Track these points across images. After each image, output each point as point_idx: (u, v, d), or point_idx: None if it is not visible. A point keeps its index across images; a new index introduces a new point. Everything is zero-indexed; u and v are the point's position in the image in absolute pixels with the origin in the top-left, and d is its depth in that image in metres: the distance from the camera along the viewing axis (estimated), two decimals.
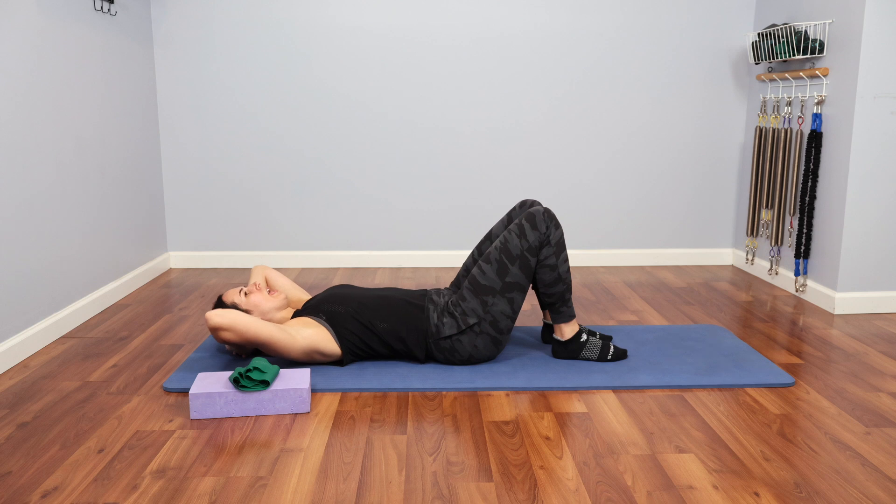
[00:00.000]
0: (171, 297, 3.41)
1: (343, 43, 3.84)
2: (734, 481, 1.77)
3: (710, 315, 3.15)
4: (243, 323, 2.28)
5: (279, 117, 3.91)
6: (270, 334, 2.29)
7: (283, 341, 2.31)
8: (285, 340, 2.32)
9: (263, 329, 2.29)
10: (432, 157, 3.98)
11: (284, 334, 2.32)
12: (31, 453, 1.90)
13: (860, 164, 3.08)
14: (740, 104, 3.99)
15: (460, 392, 2.30)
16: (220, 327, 2.27)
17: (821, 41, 3.21)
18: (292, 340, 2.33)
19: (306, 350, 2.37)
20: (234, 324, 2.27)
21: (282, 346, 2.32)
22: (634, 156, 4.03)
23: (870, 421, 2.11)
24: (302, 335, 2.36)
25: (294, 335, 2.35)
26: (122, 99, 3.43)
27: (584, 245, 4.11)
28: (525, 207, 2.69)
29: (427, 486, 1.75)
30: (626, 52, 3.91)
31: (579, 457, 1.89)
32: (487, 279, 2.43)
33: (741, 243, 4.06)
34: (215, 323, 2.26)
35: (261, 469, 1.82)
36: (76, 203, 2.99)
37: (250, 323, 2.28)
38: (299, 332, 2.37)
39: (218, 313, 2.27)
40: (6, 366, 2.47)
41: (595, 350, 2.53)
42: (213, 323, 2.26)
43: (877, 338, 2.85)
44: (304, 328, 2.39)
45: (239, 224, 4.01)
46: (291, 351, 2.35)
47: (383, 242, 4.06)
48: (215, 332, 2.29)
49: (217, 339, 2.33)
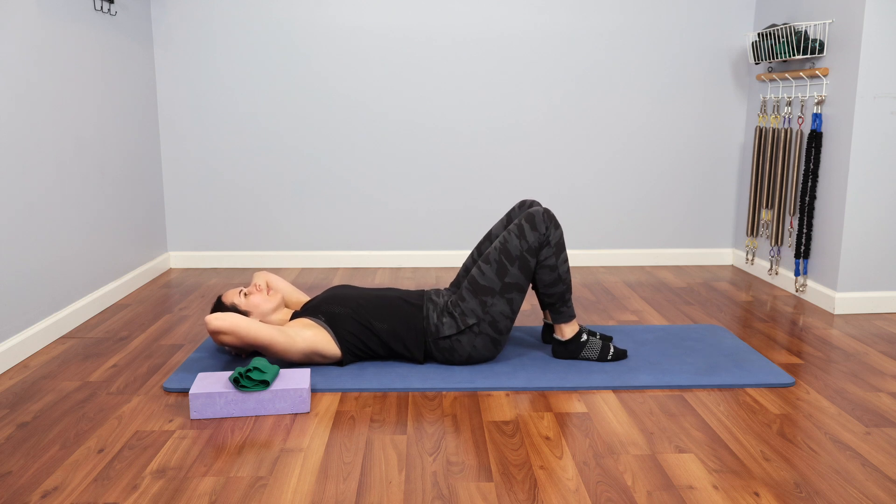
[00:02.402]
0: (171, 297, 3.41)
1: (343, 42, 3.84)
2: (734, 481, 1.77)
3: (710, 315, 3.15)
4: (243, 327, 2.28)
5: (279, 117, 3.91)
6: (270, 337, 2.29)
7: (282, 344, 2.31)
8: (285, 343, 2.32)
9: (263, 332, 2.29)
10: (432, 157, 3.98)
11: (284, 336, 2.32)
12: (31, 453, 1.90)
13: (860, 164, 3.08)
14: (740, 104, 3.99)
15: (460, 392, 2.30)
16: (219, 331, 2.27)
17: (821, 41, 3.21)
18: (291, 342, 2.33)
19: (305, 352, 2.37)
20: (233, 328, 2.27)
21: (281, 348, 2.32)
22: (634, 156, 4.03)
23: (870, 421, 2.11)
24: (301, 336, 2.36)
25: (293, 337, 2.34)
26: (122, 99, 3.43)
27: (584, 245, 4.11)
28: (524, 208, 2.69)
29: (427, 486, 1.75)
30: (625, 52, 3.91)
31: (579, 457, 1.89)
32: (487, 279, 2.43)
33: (741, 243, 4.06)
34: (215, 327, 2.26)
35: (261, 469, 1.82)
36: (76, 203, 2.99)
37: (250, 326, 2.28)
38: (298, 333, 2.36)
39: (217, 317, 2.27)
40: (6, 366, 2.47)
41: (595, 350, 2.53)
42: (213, 327, 2.26)
43: (877, 338, 2.85)
44: (303, 329, 2.39)
45: (239, 224, 4.01)
46: (291, 353, 2.35)
47: (383, 242, 4.06)
48: (215, 335, 2.29)
49: (216, 342, 2.34)
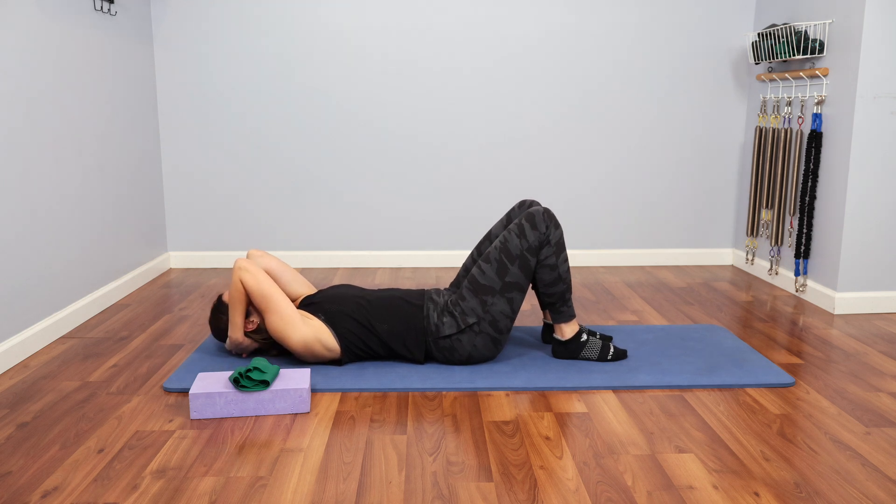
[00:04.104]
0: (171, 297, 3.41)
1: (344, 42, 3.84)
2: (734, 481, 1.77)
3: (710, 315, 3.15)
4: (267, 288, 2.36)
5: (279, 117, 3.90)
6: (286, 312, 2.36)
7: (292, 325, 2.36)
8: (294, 325, 2.36)
9: (282, 304, 2.36)
10: (432, 157, 3.98)
11: (295, 318, 2.37)
12: (31, 453, 1.90)
13: (860, 164, 3.08)
14: (740, 104, 3.99)
15: (460, 392, 2.30)
16: (245, 283, 2.36)
17: (821, 41, 3.21)
18: (299, 327, 2.37)
19: (309, 340, 2.38)
20: (261, 286, 2.36)
21: (290, 330, 2.35)
22: (634, 156, 4.03)
23: (870, 421, 2.11)
24: (307, 323, 2.40)
25: (298, 323, 2.38)
26: (122, 99, 3.43)
27: (584, 245, 4.11)
28: (524, 207, 2.69)
29: (427, 486, 1.75)
30: (625, 52, 3.91)
31: (579, 457, 1.89)
32: (487, 279, 2.43)
33: (741, 243, 4.06)
34: (242, 266, 2.37)
35: (261, 469, 1.82)
36: (76, 203, 2.99)
37: (275, 291, 2.37)
38: (305, 321, 2.40)
39: (251, 270, 2.36)
40: (6, 366, 2.47)
41: (595, 350, 2.52)
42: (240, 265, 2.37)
43: (877, 338, 2.85)
44: (308, 319, 2.42)
45: (239, 224, 4.01)
46: (296, 331, 2.37)
47: (383, 242, 4.06)
48: (240, 274, 2.37)
49: (233, 290, 2.39)
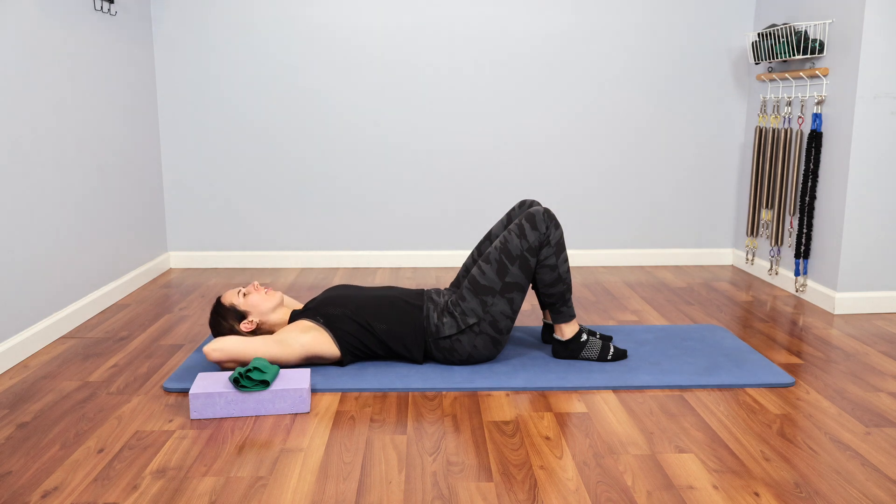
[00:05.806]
0: (171, 297, 3.41)
1: (344, 44, 3.84)
2: (734, 481, 1.77)
3: (710, 315, 3.14)
4: (240, 350, 2.30)
5: (279, 117, 3.90)
6: (267, 351, 2.33)
7: (280, 355, 2.35)
8: (282, 353, 2.35)
9: (261, 350, 2.33)
10: (432, 157, 3.98)
11: (281, 346, 2.35)
12: (31, 453, 1.90)
13: (860, 164, 3.08)
14: (740, 104, 3.99)
15: (460, 392, 2.30)
16: (219, 362, 2.31)
17: (821, 41, 3.21)
18: (289, 350, 2.36)
19: (303, 357, 2.39)
20: (230, 355, 2.30)
21: (280, 359, 2.36)
22: (634, 156, 4.03)
23: (870, 421, 2.11)
24: (299, 343, 2.37)
25: (291, 343, 2.36)
26: (122, 99, 3.43)
27: (584, 245, 4.11)
28: (524, 207, 2.69)
29: (427, 486, 1.75)
30: (625, 52, 3.91)
31: (579, 457, 1.89)
32: (487, 279, 2.43)
33: (741, 243, 4.06)
34: (214, 359, 2.30)
35: (261, 469, 1.82)
36: (76, 203, 2.99)
37: (246, 348, 2.31)
38: (296, 339, 2.38)
39: (215, 349, 2.29)
40: (6, 366, 2.47)
41: (595, 350, 2.52)
42: (213, 359, 2.30)
43: (877, 338, 2.85)
44: (301, 334, 2.39)
45: (239, 224, 4.01)
46: (289, 360, 2.38)
47: (383, 242, 4.06)
48: (211, 358, 2.32)
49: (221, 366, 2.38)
